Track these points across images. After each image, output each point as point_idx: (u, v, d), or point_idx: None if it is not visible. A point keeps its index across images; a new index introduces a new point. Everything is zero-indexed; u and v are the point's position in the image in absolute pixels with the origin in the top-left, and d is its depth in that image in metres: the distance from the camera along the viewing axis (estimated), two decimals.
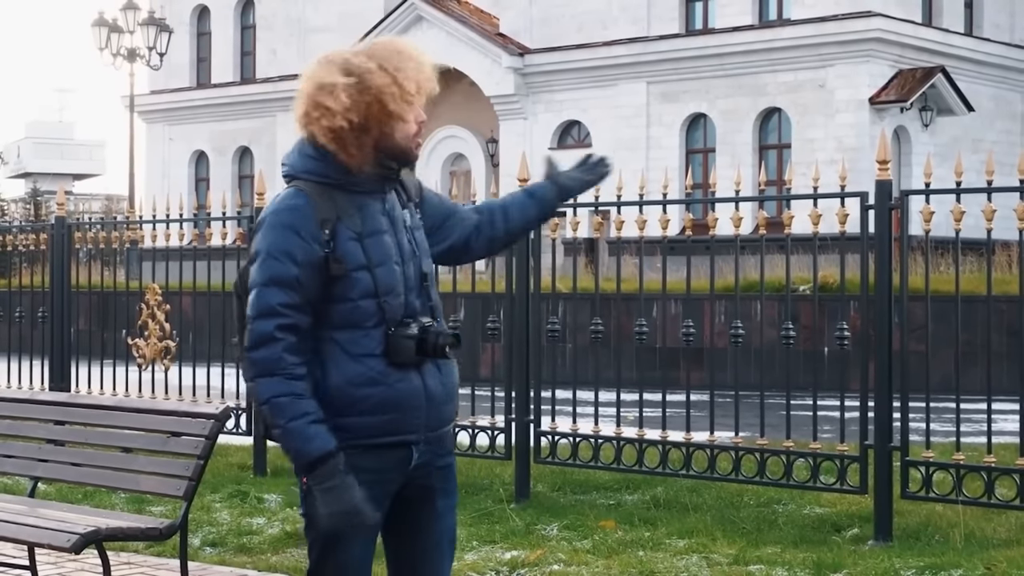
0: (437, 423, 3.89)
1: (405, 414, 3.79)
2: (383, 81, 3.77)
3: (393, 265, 3.79)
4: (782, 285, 10.82)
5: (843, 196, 8.39)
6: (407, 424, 3.80)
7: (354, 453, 3.72)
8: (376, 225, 3.80)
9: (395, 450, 3.81)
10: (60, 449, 6.53)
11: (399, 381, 3.76)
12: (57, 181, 48.45)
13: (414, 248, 3.88)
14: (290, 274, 3.70)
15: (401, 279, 3.80)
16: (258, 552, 8.03)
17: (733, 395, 8.82)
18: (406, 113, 3.80)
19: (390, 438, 3.78)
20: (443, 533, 4.00)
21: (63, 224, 12.55)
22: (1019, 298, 8.21)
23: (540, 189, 4.23)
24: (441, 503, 3.98)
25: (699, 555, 7.61)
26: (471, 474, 10.05)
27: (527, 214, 4.21)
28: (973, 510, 8.17)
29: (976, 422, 10.76)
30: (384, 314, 3.76)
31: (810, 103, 33.76)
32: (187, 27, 46.48)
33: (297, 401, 3.67)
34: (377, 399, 3.74)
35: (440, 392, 3.87)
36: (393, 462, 3.82)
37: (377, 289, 3.75)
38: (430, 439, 3.88)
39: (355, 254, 3.74)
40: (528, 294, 9.62)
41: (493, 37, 38.59)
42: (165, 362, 11.82)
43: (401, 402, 3.77)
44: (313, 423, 3.66)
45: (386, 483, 3.82)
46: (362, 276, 3.74)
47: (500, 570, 7.41)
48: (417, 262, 3.87)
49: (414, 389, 3.79)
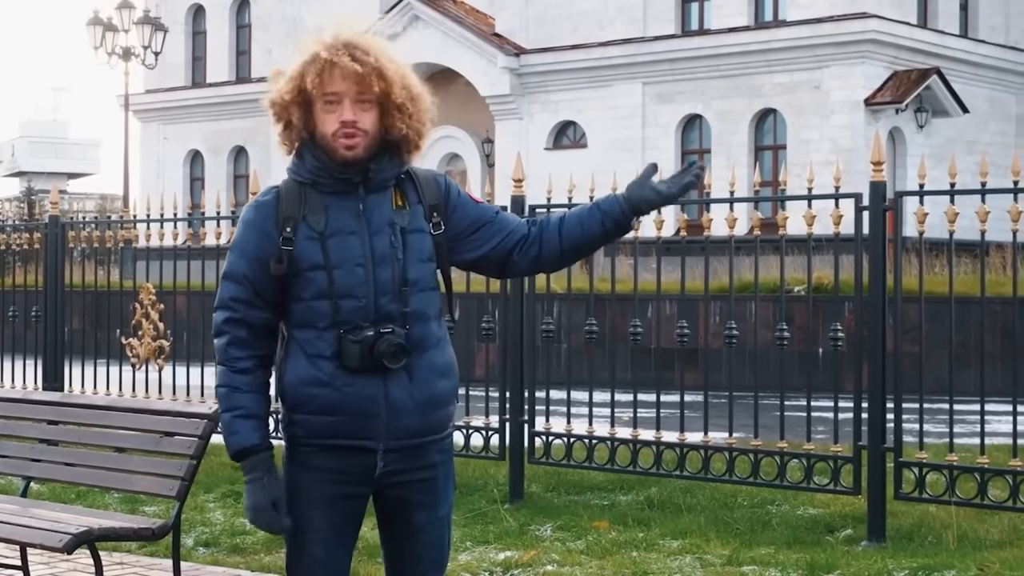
0: (403, 434, 3.76)
1: (356, 419, 3.72)
2: (300, 71, 3.73)
3: (355, 267, 3.71)
4: (776, 286, 10.82)
5: (838, 197, 8.39)
6: (360, 429, 3.73)
7: (311, 451, 3.76)
8: (342, 225, 3.73)
9: (355, 454, 3.76)
10: (53, 449, 6.52)
11: (347, 385, 3.70)
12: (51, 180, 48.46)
13: (397, 251, 3.75)
14: (239, 270, 3.77)
15: (367, 282, 3.71)
16: (251, 552, 8.03)
17: (727, 396, 8.82)
18: (323, 109, 3.73)
19: (344, 440, 3.74)
20: (425, 547, 3.90)
21: (57, 223, 12.53)
22: (1013, 300, 8.22)
23: (607, 201, 3.84)
24: (420, 517, 3.87)
25: (693, 556, 7.61)
26: (465, 474, 10.04)
27: (588, 229, 3.85)
28: (966, 511, 8.17)
29: (969, 423, 10.76)
30: (338, 316, 3.70)
31: (805, 104, 33.76)
32: (182, 26, 46.42)
33: (233, 394, 3.76)
34: (323, 401, 3.72)
35: (406, 402, 3.75)
36: (356, 466, 3.77)
37: (332, 290, 3.70)
38: (397, 449, 3.77)
39: (311, 253, 3.71)
40: (523, 294, 9.62)
41: (489, 37, 38.57)
42: (159, 362, 11.80)
43: (348, 406, 3.71)
44: (241, 418, 3.74)
45: (348, 485, 3.78)
46: (317, 276, 3.71)
47: (494, 571, 7.41)
48: (399, 266, 3.74)
49: (367, 395, 3.71)
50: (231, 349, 3.77)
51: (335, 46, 3.73)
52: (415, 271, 3.78)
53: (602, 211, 3.84)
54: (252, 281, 3.75)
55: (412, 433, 3.79)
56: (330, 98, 3.72)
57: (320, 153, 3.76)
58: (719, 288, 14.64)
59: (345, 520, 3.83)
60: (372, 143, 3.76)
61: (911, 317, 10.90)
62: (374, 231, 3.75)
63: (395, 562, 3.95)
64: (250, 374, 3.77)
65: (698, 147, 36.05)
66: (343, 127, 3.72)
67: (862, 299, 8.32)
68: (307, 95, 3.74)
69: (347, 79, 3.70)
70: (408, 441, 3.79)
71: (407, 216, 3.80)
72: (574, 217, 3.88)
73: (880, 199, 8.17)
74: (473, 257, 3.93)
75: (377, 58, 3.74)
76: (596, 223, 3.84)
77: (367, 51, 3.74)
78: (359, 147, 3.74)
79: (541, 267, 3.98)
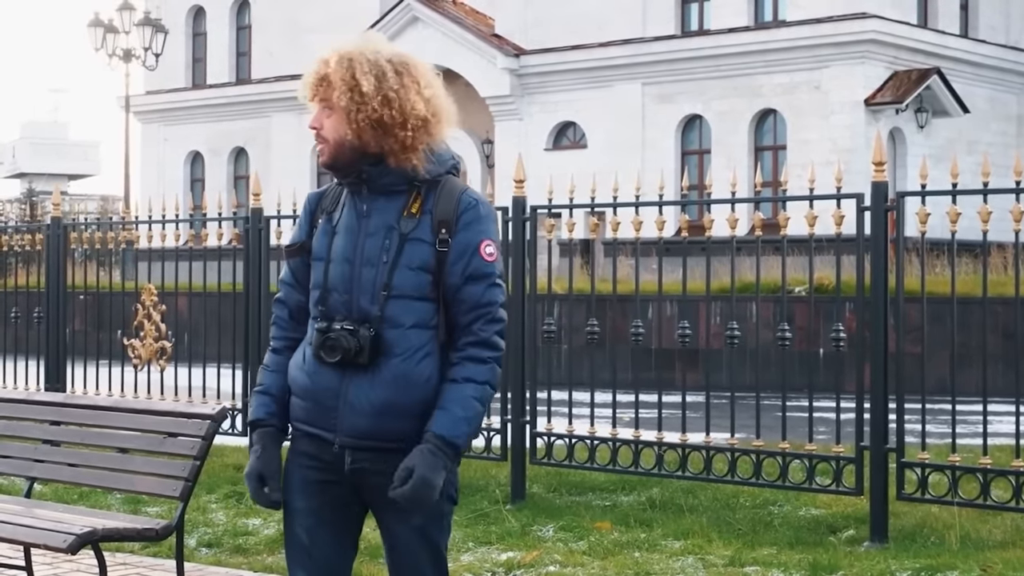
0: (358, 433, 3.76)
1: (319, 408, 3.82)
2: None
3: (343, 262, 3.81)
4: (778, 286, 10.83)
5: (839, 198, 8.40)
6: (322, 419, 3.82)
7: (297, 436, 3.92)
8: (348, 223, 3.86)
9: (322, 443, 3.83)
10: (56, 449, 6.52)
11: (315, 374, 3.82)
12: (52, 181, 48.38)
13: (384, 255, 3.77)
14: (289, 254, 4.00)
15: (351, 279, 3.79)
16: (254, 553, 8.03)
17: (729, 396, 8.83)
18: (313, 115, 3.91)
19: (309, 427, 3.86)
20: (400, 555, 3.86)
21: (59, 224, 12.54)
22: (1015, 300, 8.22)
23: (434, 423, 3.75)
24: (392, 521, 3.84)
25: (695, 556, 7.62)
26: (467, 475, 10.04)
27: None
28: (969, 512, 8.17)
29: (972, 424, 10.77)
30: (324, 307, 3.82)
31: (805, 105, 33.76)
32: (183, 28, 46.40)
33: (262, 371, 4.01)
34: (299, 384, 3.88)
35: (363, 404, 3.75)
36: (326, 455, 3.83)
37: (325, 282, 3.83)
38: (355, 447, 3.78)
39: (320, 245, 3.89)
40: (524, 295, 9.62)
41: (488, 38, 38.56)
42: (161, 363, 11.81)
43: (315, 394, 3.83)
44: (258, 393, 3.98)
45: (321, 471, 3.84)
46: (317, 267, 3.87)
47: (496, 571, 7.42)
48: (383, 269, 3.76)
49: (327, 387, 3.80)
50: (273, 329, 4.02)
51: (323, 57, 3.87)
52: (400, 277, 3.76)
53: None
54: (291, 264, 3.99)
55: (365, 434, 3.77)
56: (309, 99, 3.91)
57: None
58: (720, 288, 14.62)
59: (325, 506, 3.86)
60: (337, 150, 3.83)
61: (913, 317, 10.91)
62: (370, 232, 3.81)
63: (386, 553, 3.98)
64: (279, 354, 3.98)
65: (698, 148, 36.06)
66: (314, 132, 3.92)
67: (864, 299, 8.32)
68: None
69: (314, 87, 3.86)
70: (365, 442, 3.78)
71: (412, 224, 3.80)
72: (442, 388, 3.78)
73: (882, 199, 8.18)
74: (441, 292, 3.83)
75: (354, 71, 3.77)
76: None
77: (345, 62, 3.80)
78: (324, 152, 3.88)
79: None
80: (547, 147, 37.70)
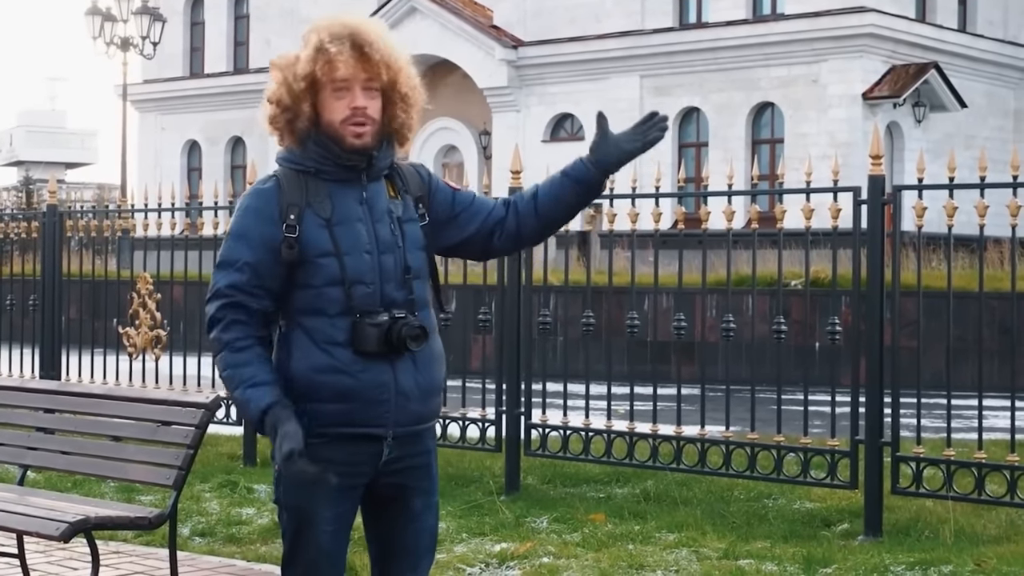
0: (408, 420, 3.81)
1: (368, 406, 3.73)
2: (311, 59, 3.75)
3: (363, 254, 3.74)
4: (774, 280, 10.82)
5: (836, 191, 8.39)
6: (372, 416, 3.74)
7: (321, 443, 3.71)
8: (348, 213, 3.76)
9: (364, 442, 3.77)
10: (49, 437, 6.52)
11: (363, 372, 3.71)
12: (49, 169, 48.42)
13: (397, 239, 3.79)
14: (240, 256, 3.74)
15: (374, 268, 3.74)
16: (247, 542, 8.02)
17: (724, 389, 8.82)
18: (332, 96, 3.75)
19: (354, 429, 3.74)
20: (421, 533, 3.94)
21: (55, 212, 12.52)
22: (1011, 295, 8.22)
23: (576, 168, 3.90)
24: (418, 502, 3.92)
25: (689, 549, 7.61)
26: (461, 466, 10.04)
27: (563, 199, 3.91)
28: (963, 506, 8.17)
29: (967, 418, 10.77)
30: (351, 302, 3.71)
31: (803, 98, 33.75)
32: (180, 16, 46.36)
33: (238, 371, 3.71)
34: (338, 388, 3.71)
35: (413, 389, 3.79)
36: (363, 455, 3.78)
37: (344, 277, 3.72)
38: (402, 435, 3.81)
39: (320, 240, 3.73)
40: (520, 286, 9.61)
41: (486, 29, 38.54)
42: (156, 351, 11.79)
43: (363, 392, 3.72)
44: (251, 387, 3.68)
45: (352, 476, 3.79)
46: (328, 263, 3.72)
47: (490, 562, 7.40)
48: (400, 254, 3.79)
49: (381, 382, 3.73)
50: (231, 331, 3.73)
51: (342, 34, 3.74)
52: (414, 259, 3.82)
53: (572, 179, 3.90)
54: (254, 267, 3.72)
55: (416, 419, 3.84)
56: (340, 85, 3.74)
57: (325, 140, 3.77)
58: (716, 281, 14.62)
59: (349, 511, 3.85)
60: (378, 131, 3.80)
61: (909, 311, 10.89)
62: (376, 219, 3.79)
63: (387, 551, 3.95)
64: (251, 350, 3.72)
65: (695, 140, 36.06)
66: (354, 114, 3.74)
67: (860, 293, 8.31)
68: (316, 83, 3.74)
69: (357, 66, 3.73)
70: (412, 428, 3.83)
71: (401, 206, 3.85)
72: (547, 190, 3.93)
73: (879, 193, 8.16)
74: (455, 241, 3.97)
75: (384, 46, 3.78)
76: (569, 192, 3.90)
77: (375, 39, 3.76)
78: (367, 134, 3.77)
79: (522, 244, 4.06)
80: (544, 139, 37.69)
